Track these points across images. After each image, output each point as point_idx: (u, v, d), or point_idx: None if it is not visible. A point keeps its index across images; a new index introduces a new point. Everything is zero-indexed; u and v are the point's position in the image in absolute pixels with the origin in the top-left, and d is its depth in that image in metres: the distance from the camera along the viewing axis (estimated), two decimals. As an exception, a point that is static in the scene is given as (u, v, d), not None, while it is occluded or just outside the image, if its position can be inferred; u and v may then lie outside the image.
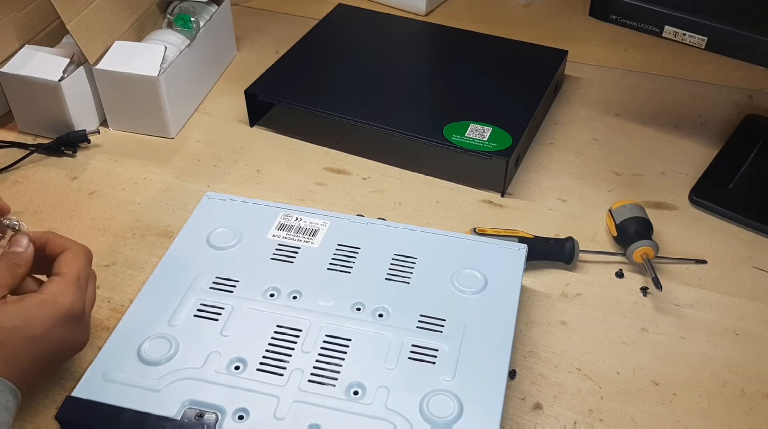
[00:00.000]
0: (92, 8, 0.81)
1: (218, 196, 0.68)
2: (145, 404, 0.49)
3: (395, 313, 0.56)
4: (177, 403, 0.50)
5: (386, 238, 0.63)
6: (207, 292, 0.58)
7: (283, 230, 0.63)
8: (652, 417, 0.57)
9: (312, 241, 0.63)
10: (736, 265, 0.69)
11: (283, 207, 0.66)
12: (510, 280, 0.59)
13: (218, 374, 0.52)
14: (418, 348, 0.54)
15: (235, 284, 0.59)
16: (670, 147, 0.83)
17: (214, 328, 0.55)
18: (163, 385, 0.51)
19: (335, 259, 0.61)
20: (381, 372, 0.52)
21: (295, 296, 0.58)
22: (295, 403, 0.50)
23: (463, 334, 0.55)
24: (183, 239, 0.63)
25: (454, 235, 0.63)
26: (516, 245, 0.62)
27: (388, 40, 0.96)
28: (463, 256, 0.61)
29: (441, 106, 0.83)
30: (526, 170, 0.80)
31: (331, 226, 0.64)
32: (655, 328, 0.63)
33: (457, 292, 0.58)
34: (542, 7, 1.11)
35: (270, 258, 0.61)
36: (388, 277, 0.60)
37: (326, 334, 0.55)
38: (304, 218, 0.65)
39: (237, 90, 0.88)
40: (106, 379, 0.51)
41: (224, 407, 0.50)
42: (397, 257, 0.61)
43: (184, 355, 0.53)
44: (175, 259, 0.61)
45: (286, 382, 0.51)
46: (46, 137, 0.84)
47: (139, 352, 0.53)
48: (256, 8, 1.10)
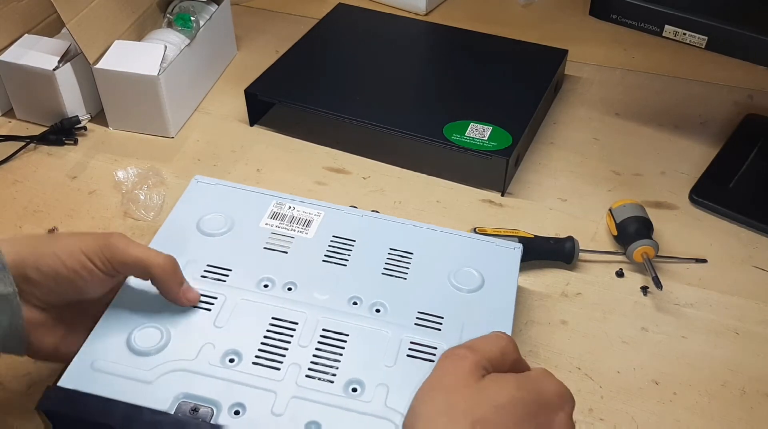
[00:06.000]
0: (92, 7, 0.81)
1: (207, 180, 0.65)
2: (136, 396, 0.47)
3: (393, 309, 0.55)
4: (170, 396, 0.47)
5: (381, 232, 0.61)
6: (198, 281, 0.56)
7: (276, 219, 0.61)
8: (652, 416, 0.57)
9: (306, 232, 0.61)
10: (737, 264, 0.69)
11: (275, 194, 0.64)
12: (506, 279, 0.58)
13: (212, 367, 0.50)
14: (416, 345, 0.52)
15: (228, 273, 0.57)
16: (670, 147, 0.83)
17: (206, 318, 0.53)
18: (154, 377, 0.49)
19: (330, 251, 0.59)
20: (380, 369, 0.51)
21: (290, 288, 0.56)
22: (293, 399, 0.48)
23: (461, 333, 0.54)
24: (172, 224, 0.61)
25: (450, 232, 0.62)
26: (512, 244, 0.62)
27: (388, 39, 0.96)
28: (460, 253, 0.60)
29: (441, 105, 0.83)
30: (526, 170, 0.80)
31: (325, 216, 0.62)
32: (655, 327, 0.63)
33: (455, 290, 0.57)
34: (542, 7, 1.11)
35: (263, 247, 0.59)
36: (384, 271, 0.58)
37: (323, 328, 0.53)
38: (298, 207, 0.63)
39: (237, 89, 0.88)
40: (94, 368, 0.49)
41: (219, 402, 0.48)
42: (393, 252, 0.60)
43: (176, 346, 0.51)
44: (164, 244, 0.58)
45: (283, 376, 0.49)
46: (43, 125, 0.85)
47: (129, 341, 0.50)
48: (256, 8, 1.10)
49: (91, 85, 0.84)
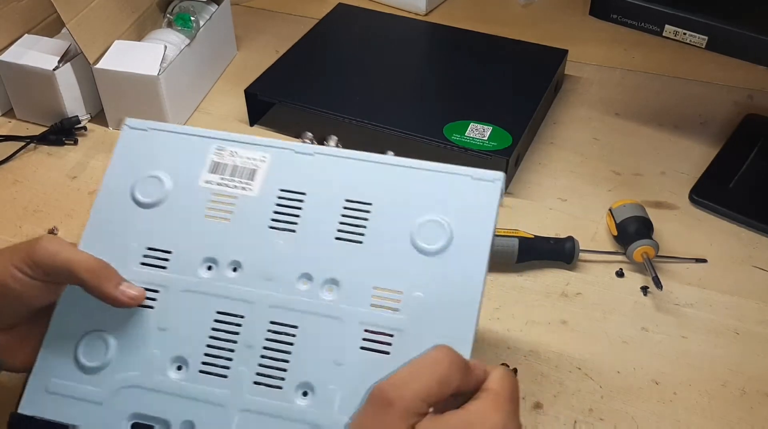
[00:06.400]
0: (92, 8, 0.82)
1: (140, 123, 0.56)
2: (90, 420, 0.45)
3: (346, 286, 0.48)
4: (123, 417, 0.45)
5: (336, 177, 0.53)
6: (139, 270, 0.49)
7: (217, 173, 0.53)
8: (652, 416, 0.57)
9: (250, 187, 0.52)
10: (737, 264, 0.69)
11: (216, 136, 0.55)
12: (480, 229, 0.49)
13: (160, 379, 0.46)
14: (370, 334, 0.46)
15: (168, 256, 0.50)
16: (670, 147, 0.83)
17: (149, 319, 0.48)
18: (106, 396, 0.46)
19: (278, 213, 0.51)
20: (330, 368, 0.45)
21: (235, 267, 0.49)
22: (241, 413, 0.45)
23: (422, 314, 0.46)
24: (105, 197, 0.53)
25: (416, 166, 0.52)
26: (492, 175, 0.51)
27: (388, 39, 0.96)
28: (426, 197, 0.51)
29: (441, 105, 0.83)
30: (526, 170, 0.80)
31: (271, 162, 0.53)
32: (655, 327, 0.63)
33: (417, 253, 0.49)
34: (542, 7, 1.11)
35: (204, 215, 0.51)
36: (339, 235, 0.50)
37: (270, 321, 0.47)
38: (240, 152, 0.54)
39: (237, 89, 0.88)
40: (48, 391, 0.46)
41: (170, 421, 0.44)
42: (349, 205, 0.51)
43: (122, 358, 0.47)
44: (99, 225, 0.51)
45: (230, 385, 0.45)
46: (43, 125, 0.85)
47: (76, 356, 0.47)
48: (256, 8, 1.10)
49: (91, 85, 0.84)
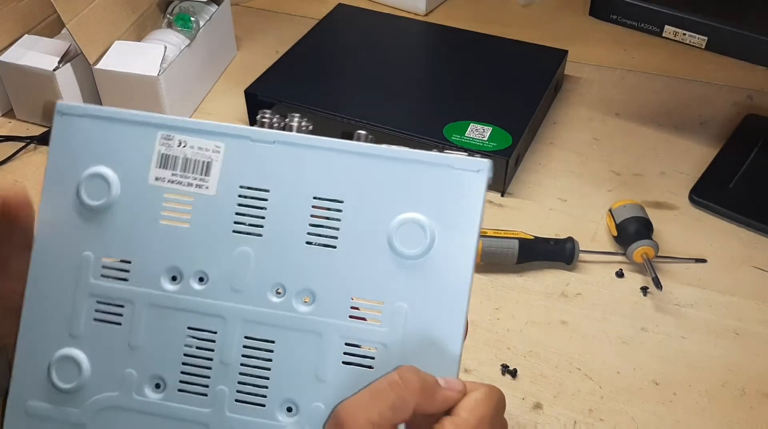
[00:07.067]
0: (92, 8, 0.81)
1: (73, 108, 0.49)
2: None
3: (323, 297, 0.45)
4: None
5: (301, 170, 0.48)
6: (100, 283, 0.46)
7: (167, 167, 0.47)
8: (652, 417, 0.57)
9: (206, 184, 0.47)
10: (736, 264, 0.69)
11: (158, 123, 0.48)
12: (464, 227, 0.45)
13: (139, 399, 0.45)
14: (351, 348, 0.44)
15: (128, 267, 0.47)
16: (670, 147, 0.83)
17: (120, 336, 0.46)
18: (86, 418, 0.44)
19: (240, 215, 0.46)
20: (313, 384, 0.44)
21: (201, 277, 0.46)
22: None
23: (404, 325, 0.44)
24: (49, 202, 0.48)
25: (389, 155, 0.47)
26: (476, 164, 0.45)
27: (388, 40, 0.96)
28: (404, 191, 0.46)
29: (441, 106, 0.83)
30: (526, 170, 0.80)
31: (226, 152, 0.47)
32: (655, 327, 0.63)
33: (396, 257, 0.45)
34: (542, 7, 1.11)
35: (161, 220, 0.47)
36: (309, 239, 0.46)
37: (245, 336, 0.45)
38: (190, 141, 0.47)
39: (237, 90, 0.88)
40: (28, 414, 0.45)
41: None
42: (318, 203, 0.46)
43: (96, 377, 0.45)
44: (49, 234, 0.48)
45: (212, 404, 0.44)
46: (43, 125, 0.85)
47: (50, 377, 0.45)
48: (256, 8, 1.10)
49: (91, 85, 0.84)
